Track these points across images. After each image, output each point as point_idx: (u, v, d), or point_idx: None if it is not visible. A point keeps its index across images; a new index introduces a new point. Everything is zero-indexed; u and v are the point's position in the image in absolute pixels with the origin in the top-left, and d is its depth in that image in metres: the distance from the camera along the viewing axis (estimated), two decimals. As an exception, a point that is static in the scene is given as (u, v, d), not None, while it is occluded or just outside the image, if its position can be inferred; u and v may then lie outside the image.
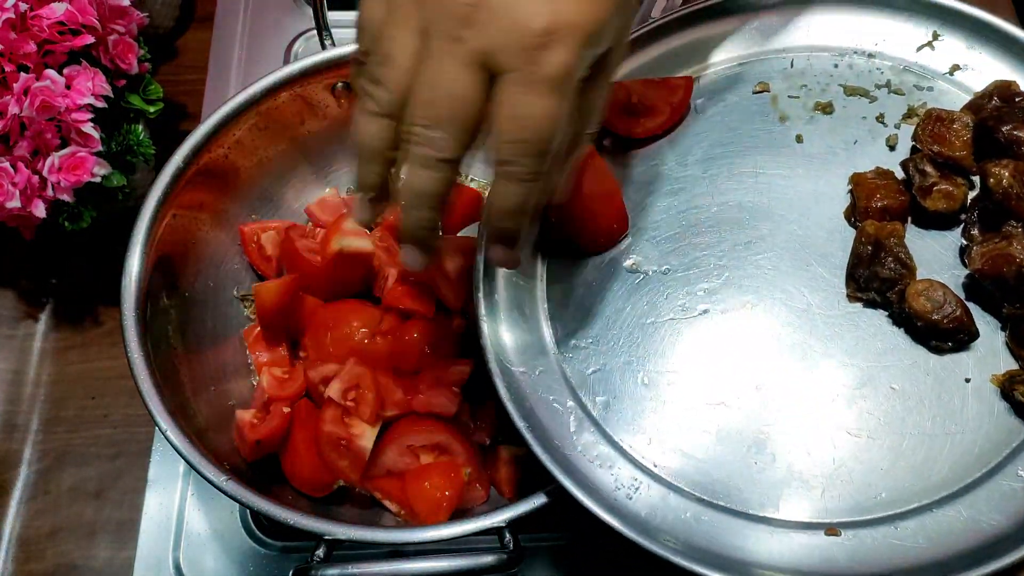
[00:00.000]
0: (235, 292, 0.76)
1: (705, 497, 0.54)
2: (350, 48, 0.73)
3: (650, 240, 0.60)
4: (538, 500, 0.58)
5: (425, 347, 0.69)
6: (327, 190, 0.81)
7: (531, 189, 0.46)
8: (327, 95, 0.76)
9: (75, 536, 0.72)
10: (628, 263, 0.59)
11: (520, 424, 0.53)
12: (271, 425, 0.67)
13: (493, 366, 0.55)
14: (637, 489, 0.54)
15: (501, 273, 0.59)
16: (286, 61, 0.93)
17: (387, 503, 0.67)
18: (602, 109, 0.50)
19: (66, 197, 0.69)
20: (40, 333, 0.80)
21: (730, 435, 0.55)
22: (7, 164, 0.67)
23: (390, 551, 0.68)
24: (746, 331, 0.57)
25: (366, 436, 0.66)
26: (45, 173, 0.68)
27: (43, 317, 0.81)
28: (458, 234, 0.77)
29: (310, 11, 0.81)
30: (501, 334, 0.58)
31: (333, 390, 0.67)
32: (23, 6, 0.67)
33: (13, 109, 0.66)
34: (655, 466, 0.55)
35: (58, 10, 0.68)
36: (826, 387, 0.56)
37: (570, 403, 0.56)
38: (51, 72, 0.67)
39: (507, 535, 0.58)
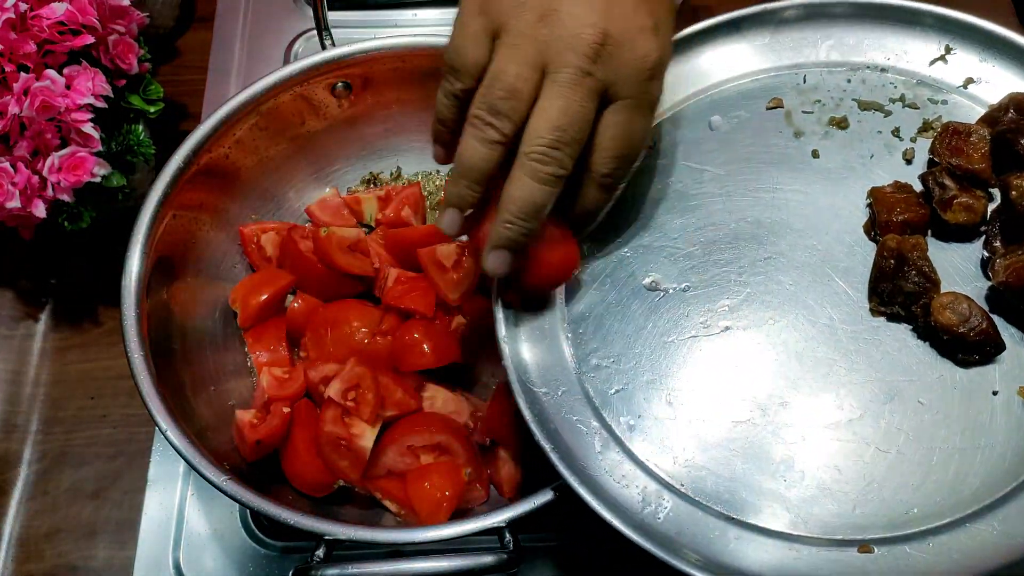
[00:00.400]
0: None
1: (734, 515, 0.53)
2: (350, 48, 0.74)
3: (668, 258, 0.60)
4: (538, 500, 0.58)
5: (425, 347, 0.69)
6: (327, 190, 0.81)
7: (615, 195, 0.56)
8: (327, 95, 0.76)
9: (74, 536, 0.72)
10: (647, 281, 0.59)
11: (545, 446, 0.53)
12: (271, 425, 0.67)
13: (516, 387, 0.55)
14: (665, 508, 0.53)
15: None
16: (286, 61, 0.93)
17: (387, 503, 0.67)
18: None
19: (66, 197, 0.69)
20: (40, 333, 0.80)
21: (757, 453, 0.54)
22: (7, 164, 0.67)
23: (390, 551, 0.68)
24: (769, 348, 0.57)
25: (366, 436, 0.66)
26: (45, 173, 0.68)
27: (43, 317, 0.81)
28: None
29: (310, 11, 0.82)
30: (522, 354, 0.57)
31: (333, 390, 0.67)
32: (23, 6, 0.67)
33: (13, 109, 0.66)
34: (682, 485, 0.54)
35: (58, 10, 0.68)
36: (853, 403, 0.55)
37: (594, 423, 0.56)
38: (51, 72, 0.67)
39: (507, 535, 0.58)
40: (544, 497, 0.58)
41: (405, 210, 0.77)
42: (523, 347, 0.58)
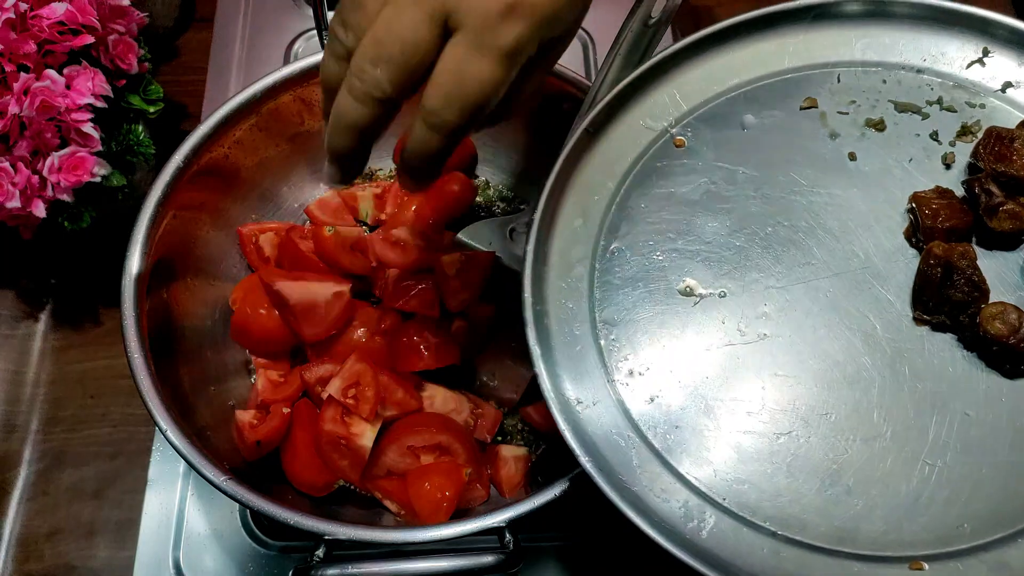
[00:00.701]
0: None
1: (779, 531, 0.51)
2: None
3: (703, 262, 0.58)
4: (538, 500, 0.58)
5: (423, 348, 0.69)
6: (327, 190, 0.81)
7: (447, 142, 0.49)
8: (327, 95, 0.76)
9: (74, 536, 0.72)
10: (681, 286, 0.57)
11: (584, 460, 0.52)
12: (271, 425, 0.67)
13: (550, 397, 0.54)
14: (708, 524, 0.52)
15: (551, 299, 0.58)
16: (286, 61, 0.93)
17: (387, 503, 0.67)
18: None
19: (66, 197, 0.69)
20: (40, 333, 0.80)
21: (801, 466, 0.53)
22: (7, 164, 0.67)
23: (390, 551, 0.68)
24: (809, 357, 0.55)
25: (366, 436, 0.66)
26: (45, 173, 0.68)
27: (43, 317, 0.81)
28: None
29: (310, 11, 0.82)
30: (555, 363, 0.56)
31: (333, 387, 0.67)
32: (23, 6, 0.67)
33: (13, 109, 0.66)
34: (724, 499, 0.52)
35: (58, 10, 0.68)
36: (897, 414, 0.54)
37: (630, 435, 0.54)
38: (51, 72, 0.67)
39: (507, 535, 0.58)
40: (544, 497, 0.58)
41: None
42: (554, 353, 0.56)
